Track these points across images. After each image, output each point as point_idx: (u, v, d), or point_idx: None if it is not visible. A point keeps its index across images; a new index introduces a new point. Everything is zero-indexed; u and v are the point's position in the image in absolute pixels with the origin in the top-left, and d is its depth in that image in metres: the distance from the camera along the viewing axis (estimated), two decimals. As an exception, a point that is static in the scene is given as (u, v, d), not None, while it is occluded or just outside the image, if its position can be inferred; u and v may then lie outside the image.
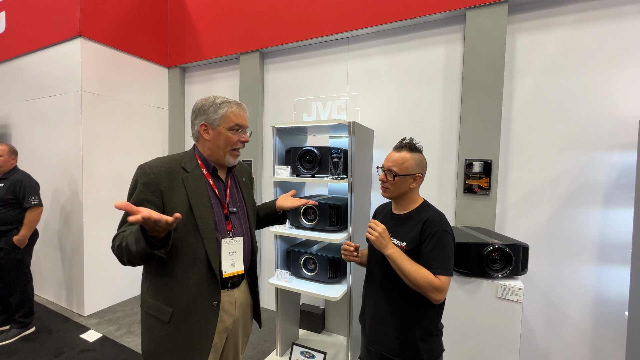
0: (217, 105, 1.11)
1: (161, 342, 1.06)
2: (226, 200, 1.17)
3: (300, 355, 2.08)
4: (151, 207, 0.99)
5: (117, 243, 0.97)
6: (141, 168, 1.05)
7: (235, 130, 1.13)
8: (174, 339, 1.05)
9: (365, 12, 2.48)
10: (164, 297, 1.05)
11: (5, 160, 2.50)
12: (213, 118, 1.10)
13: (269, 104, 3.13)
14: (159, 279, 1.06)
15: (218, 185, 1.16)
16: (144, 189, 1.02)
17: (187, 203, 1.05)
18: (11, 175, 2.50)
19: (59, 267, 3.12)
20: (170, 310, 1.04)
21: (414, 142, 1.22)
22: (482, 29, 2.11)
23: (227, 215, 1.16)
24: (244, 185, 1.29)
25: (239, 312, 1.20)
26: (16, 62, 3.41)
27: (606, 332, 1.93)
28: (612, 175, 1.90)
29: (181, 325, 1.04)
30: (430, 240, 1.10)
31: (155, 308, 1.06)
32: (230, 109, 1.12)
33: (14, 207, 2.46)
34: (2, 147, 2.50)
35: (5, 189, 2.44)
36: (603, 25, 1.91)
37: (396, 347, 1.15)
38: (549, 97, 2.04)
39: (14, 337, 2.48)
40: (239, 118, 1.14)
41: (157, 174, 1.03)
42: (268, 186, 3.13)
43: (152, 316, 1.07)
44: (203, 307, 1.06)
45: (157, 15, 3.52)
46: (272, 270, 2.23)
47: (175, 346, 1.05)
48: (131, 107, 3.30)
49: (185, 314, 1.04)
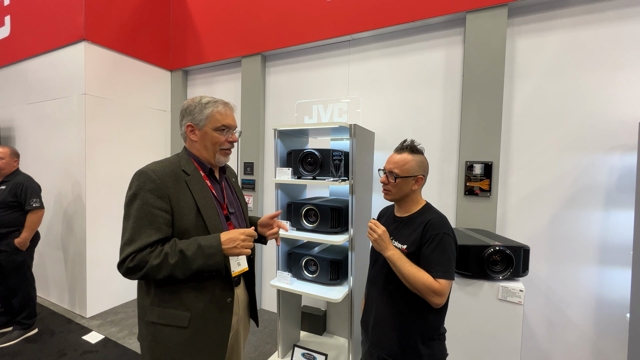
0: (203, 106, 1.08)
1: (180, 350, 1.03)
2: (224, 201, 1.18)
3: (302, 357, 2.08)
4: (163, 214, 0.98)
5: (158, 261, 0.93)
6: (144, 174, 0.99)
7: (221, 131, 1.11)
8: (195, 341, 1.04)
9: (366, 16, 2.50)
10: (179, 303, 1.02)
11: (7, 163, 2.51)
12: (199, 119, 1.08)
13: (270, 107, 3.15)
14: (169, 287, 1.03)
15: (215, 187, 1.17)
16: (151, 195, 0.97)
17: (195, 206, 1.04)
18: (13, 178, 2.52)
19: (61, 268, 3.13)
20: (188, 314, 1.02)
21: (415, 144, 1.22)
22: (482, 31, 2.13)
23: (227, 216, 1.16)
24: (236, 186, 1.30)
25: (241, 310, 1.21)
26: (21, 66, 3.45)
27: (607, 334, 1.92)
28: (612, 177, 1.91)
29: (200, 326, 1.04)
30: (430, 243, 1.10)
31: (168, 316, 1.02)
32: (216, 109, 1.09)
33: (15, 210, 2.47)
34: (3, 149, 2.52)
35: (7, 191, 2.45)
36: (603, 28, 1.92)
37: (398, 351, 1.15)
38: (549, 99, 2.05)
39: (16, 339, 2.49)
40: (226, 118, 1.11)
41: (163, 178, 1.00)
42: (269, 188, 3.14)
43: (164, 325, 1.02)
44: (219, 305, 1.07)
45: (159, 18, 3.55)
46: (274, 272, 2.24)
47: (195, 349, 1.04)
48: (134, 110, 3.33)
49: (203, 315, 1.04)
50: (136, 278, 0.97)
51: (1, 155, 2.49)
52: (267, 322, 2.88)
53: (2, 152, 2.50)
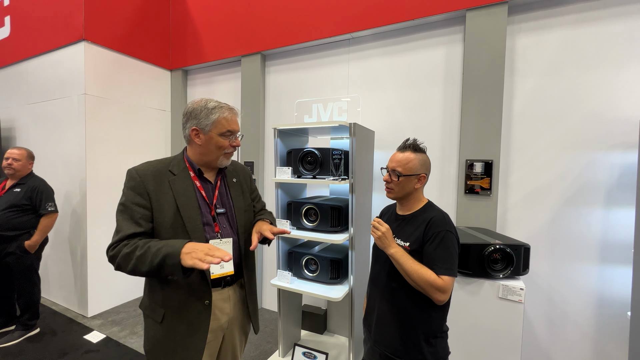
0: (209, 111, 1.09)
1: (156, 343, 1.08)
2: (213, 201, 1.17)
3: (302, 356, 2.08)
4: (141, 210, 1.03)
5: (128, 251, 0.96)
6: (129, 172, 1.08)
7: (227, 136, 1.13)
8: (168, 339, 1.06)
9: (366, 14, 2.50)
10: (157, 298, 1.09)
11: (23, 165, 2.49)
12: (205, 123, 1.09)
13: (270, 106, 3.15)
14: (152, 280, 1.11)
15: (206, 187, 1.16)
16: (132, 192, 1.04)
17: (174, 205, 1.06)
18: (28, 181, 2.51)
19: (63, 268, 3.14)
20: (162, 311, 1.06)
21: (417, 143, 1.22)
22: (482, 29, 2.12)
23: (215, 216, 1.15)
24: (232, 186, 1.26)
25: (235, 311, 1.19)
26: (21, 66, 3.45)
27: (608, 332, 1.92)
28: (613, 175, 1.90)
29: (173, 326, 1.06)
30: (433, 240, 1.10)
31: (150, 308, 1.10)
32: (222, 115, 1.10)
33: (28, 213, 2.47)
34: (21, 151, 2.49)
35: (22, 194, 2.44)
36: (603, 25, 1.92)
37: (400, 349, 1.15)
38: (549, 97, 2.04)
39: (18, 338, 2.50)
40: (231, 124, 1.13)
41: (144, 177, 1.06)
42: (270, 187, 3.14)
43: (147, 316, 1.11)
44: (195, 307, 1.07)
45: (159, 18, 3.55)
46: (274, 271, 2.24)
47: (169, 347, 1.06)
48: (134, 110, 3.33)
49: (177, 314, 1.06)
50: (116, 267, 0.99)
51: (18, 157, 2.47)
52: (268, 321, 2.89)
53: (19, 154, 2.48)
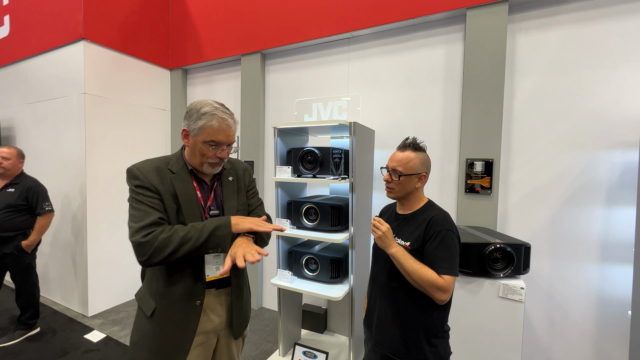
0: (199, 115, 1.03)
1: (143, 336, 1.07)
2: (208, 203, 1.15)
3: (303, 355, 2.08)
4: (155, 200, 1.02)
5: (167, 235, 0.95)
6: (129, 170, 1.04)
7: (210, 145, 1.05)
8: (155, 335, 1.05)
9: (366, 13, 2.49)
10: (151, 291, 1.08)
11: (13, 164, 2.47)
12: (192, 127, 1.05)
13: (270, 105, 3.15)
14: (150, 273, 1.11)
15: (201, 188, 1.14)
16: (141, 191, 1.01)
17: (176, 203, 1.05)
18: (21, 181, 2.49)
19: (63, 268, 3.14)
20: (154, 305, 1.06)
21: (417, 142, 1.22)
22: (482, 28, 2.12)
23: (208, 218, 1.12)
24: (226, 185, 1.20)
25: (228, 314, 1.17)
26: (20, 65, 3.45)
27: (609, 332, 1.92)
28: (614, 174, 1.90)
29: (162, 322, 1.05)
30: (434, 240, 1.09)
31: (143, 299, 1.10)
32: (209, 123, 1.03)
33: (24, 213, 2.46)
34: (10, 150, 2.47)
35: (17, 194, 2.43)
36: (604, 24, 1.91)
37: (401, 349, 1.15)
38: (550, 96, 2.04)
39: (19, 338, 2.50)
40: (217, 134, 1.04)
41: (146, 173, 1.03)
42: (270, 187, 3.14)
43: (140, 307, 1.11)
44: (186, 307, 1.06)
45: (158, 17, 3.54)
46: (274, 271, 2.24)
47: (155, 343, 1.05)
48: (133, 109, 3.32)
49: (167, 312, 1.05)
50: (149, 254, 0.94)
51: (8, 156, 2.44)
52: (268, 320, 2.89)
53: (9, 153, 2.45)
